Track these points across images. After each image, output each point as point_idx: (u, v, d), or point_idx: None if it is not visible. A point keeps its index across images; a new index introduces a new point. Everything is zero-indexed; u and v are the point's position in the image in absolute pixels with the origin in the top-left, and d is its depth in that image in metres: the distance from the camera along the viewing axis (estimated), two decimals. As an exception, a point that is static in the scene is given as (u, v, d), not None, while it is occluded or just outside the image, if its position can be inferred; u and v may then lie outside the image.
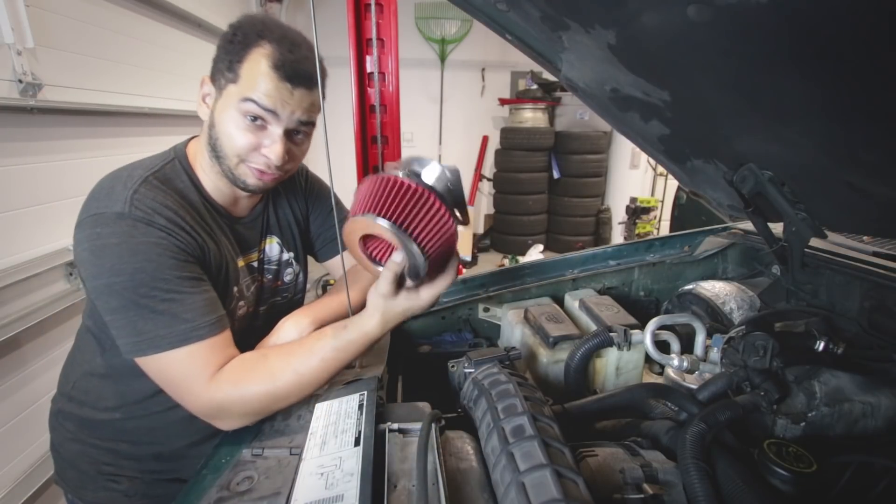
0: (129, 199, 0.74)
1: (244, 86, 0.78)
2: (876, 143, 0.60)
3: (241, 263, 0.93)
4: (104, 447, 0.94)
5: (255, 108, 0.78)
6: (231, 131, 0.80)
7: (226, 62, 0.79)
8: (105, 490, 0.94)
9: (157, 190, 0.78)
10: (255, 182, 0.85)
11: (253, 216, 0.97)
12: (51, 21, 1.93)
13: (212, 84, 0.83)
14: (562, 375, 0.99)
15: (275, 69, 0.77)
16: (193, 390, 0.75)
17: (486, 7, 0.79)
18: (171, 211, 0.77)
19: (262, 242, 1.00)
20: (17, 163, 1.78)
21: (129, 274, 0.71)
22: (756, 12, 0.44)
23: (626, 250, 1.44)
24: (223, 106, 0.81)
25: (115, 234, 0.72)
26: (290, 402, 0.77)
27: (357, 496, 0.54)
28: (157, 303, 0.72)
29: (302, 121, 0.82)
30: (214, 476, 0.67)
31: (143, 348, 0.73)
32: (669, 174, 2.15)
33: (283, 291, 1.06)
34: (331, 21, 5.08)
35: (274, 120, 0.80)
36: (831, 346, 0.82)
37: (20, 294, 1.73)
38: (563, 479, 0.51)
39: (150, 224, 0.74)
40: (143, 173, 0.78)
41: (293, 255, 1.06)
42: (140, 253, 0.72)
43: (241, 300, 0.92)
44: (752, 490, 0.58)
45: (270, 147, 0.81)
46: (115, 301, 0.73)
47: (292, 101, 0.79)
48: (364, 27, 2.75)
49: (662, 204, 5.17)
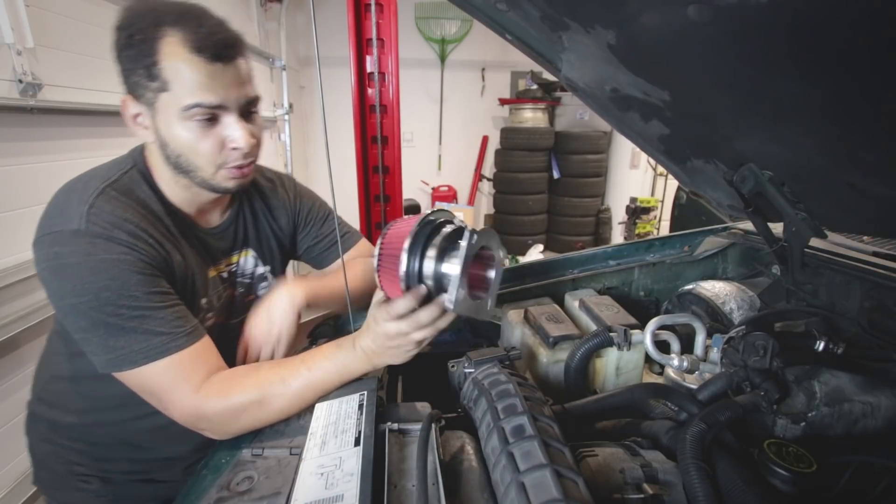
0: (84, 215, 0.70)
1: (178, 90, 0.71)
2: (876, 143, 0.60)
3: (211, 274, 0.90)
4: (74, 448, 0.92)
5: (203, 111, 0.72)
6: (190, 143, 0.74)
7: (140, 72, 0.71)
8: (77, 490, 0.93)
9: (116, 202, 0.73)
10: (235, 182, 0.81)
11: (223, 226, 0.93)
12: (51, 21, 1.93)
13: (137, 101, 0.75)
14: (562, 375, 0.99)
15: (197, 52, 0.69)
16: (178, 401, 0.73)
17: (486, 7, 0.79)
18: (131, 224, 0.73)
19: (235, 254, 0.96)
20: (17, 163, 1.78)
21: (94, 293, 0.68)
22: (756, 12, 0.44)
23: (626, 250, 1.43)
24: (166, 120, 0.74)
25: (74, 252, 0.69)
26: (281, 416, 0.76)
27: (357, 496, 0.54)
28: (125, 320, 0.70)
29: (249, 99, 0.77)
30: (214, 476, 0.67)
31: (118, 364, 0.71)
32: (669, 174, 2.15)
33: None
34: (331, 21, 5.09)
35: (224, 111, 0.75)
36: (831, 346, 0.82)
37: (20, 294, 1.73)
38: (563, 479, 0.51)
39: (109, 240, 0.70)
40: (98, 185, 0.74)
41: (269, 270, 1.02)
42: (102, 271, 0.69)
43: (209, 312, 0.89)
44: (752, 490, 0.58)
45: (236, 138, 0.76)
46: (83, 321, 0.70)
47: (231, 82, 0.73)
48: (364, 27, 2.75)
49: (662, 204, 5.17)
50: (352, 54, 2.77)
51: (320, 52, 0.73)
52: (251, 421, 0.75)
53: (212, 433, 0.75)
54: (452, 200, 5.93)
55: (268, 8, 4.49)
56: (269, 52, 4.41)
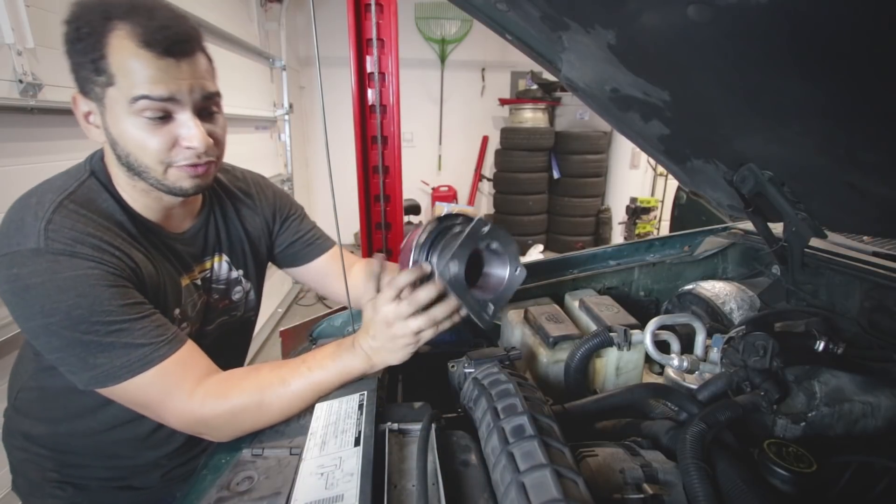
0: (42, 232, 0.66)
1: (124, 84, 0.67)
2: (876, 143, 0.60)
3: (185, 282, 0.86)
4: (48, 456, 0.91)
5: (150, 104, 0.67)
6: (138, 140, 0.70)
7: (88, 66, 0.68)
8: (52, 497, 0.91)
9: (75, 216, 0.70)
10: (191, 182, 0.76)
11: (193, 231, 0.89)
12: (51, 21, 1.93)
13: (86, 98, 0.72)
14: (562, 375, 0.99)
15: (146, 46, 0.65)
16: (173, 408, 0.72)
17: (486, 7, 0.79)
18: (93, 238, 0.69)
19: (208, 260, 0.93)
20: (17, 163, 1.78)
21: (64, 312, 0.65)
22: (756, 12, 0.44)
23: (626, 250, 1.44)
24: (114, 117, 0.70)
25: (36, 272, 0.65)
26: (281, 417, 0.75)
27: (357, 496, 0.54)
28: (102, 336, 0.67)
29: (205, 94, 0.72)
30: (214, 476, 0.67)
31: (102, 381, 0.69)
32: (669, 174, 2.15)
33: (233, 310, 1.00)
34: (331, 21, 5.09)
35: (176, 106, 0.70)
36: (831, 346, 0.82)
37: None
38: (563, 479, 0.51)
39: (73, 255, 0.66)
40: (54, 197, 0.70)
41: (242, 273, 0.99)
42: (69, 289, 0.65)
43: (183, 322, 0.86)
44: (752, 490, 0.58)
45: (189, 136, 0.71)
46: (57, 341, 0.67)
47: (184, 76, 0.68)
48: (364, 27, 2.75)
49: (662, 204, 5.17)
50: (352, 54, 2.76)
51: (320, 53, 0.73)
52: (251, 423, 0.74)
53: (211, 436, 0.75)
54: (452, 200, 5.92)
55: (268, 8, 4.49)
56: (269, 52, 4.41)
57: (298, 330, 2.09)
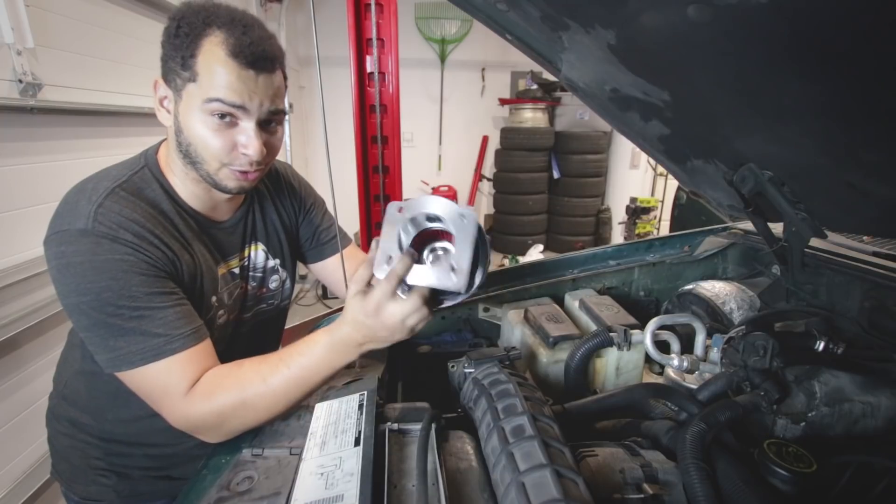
0: (92, 215, 0.71)
1: (205, 83, 0.72)
2: (876, 143, 0.60)
3: (221, 271, 0.90)
4: (94, 443, 0.94)
5: (222, 107, 0.73)
6: (202, 135, 0.75)
7: (178, 59, 0.74)
8: (95, 484, 0.94)
9: (125, 202, 0.74)
10: (236, 184, 0.81)
11: (234, 220, 0.93)
12: (51, 21, 1.93)
13: (167, 86, 0.77)
14: (562, 375, 0.99)
15: (233, 57, 0.71)
16: (170, 405, 0.73)
17: (486, 7, 0.79)
18: (137, 225, 0.73)
19: (246, 249, 0.96)
20: (17, 163, 1.78)
21: (96, 293, 0.69)
22: (756, 12, 0.44)
23: (626, 250, 1.44)
24: (187, 109, 0.75)
25: (79, 252, 0.69)
26: (270, 415, 0.75)
27: (357, 496, 0.54)
28: (125, 321, 0.70)
29: (272, 110, 0.78)
30: (214, 476, 0.67)
31: (118, 364, 0.72)
32: (669, 174, 2.15)
33: (269, 298, 1.03)
34: (331, 21, 5.08)
35: (244, 115, 0.75)
36: (831, 346, 0.82)
37: (20, 294, 1.73)
38: (563, 479, 0.51)
39: (115, 240, 0.71)
40: (109, 185, 0.75)
41: (279, 262, 1.02)
42: (105, 271, 0.69)
43: (220, 309, 0.89)
44: (752, 490, 0.58)
45: (247, 144, 0.77)
46: (86, 320, 0.71)
47: (258, 90, 0.74)
48: (364, 27, 2.75)
49: (662, 204, 5.17)
50: (352, 54, 2.77)
51: (320, 52, 0.74)
52: (239, 423, 0.74)
53: (204, 437, 0.75)
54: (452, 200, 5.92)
55: (268, 8, 4.49)
56: (269, 52, 4.41)
57: (298, 330, 2.09)
